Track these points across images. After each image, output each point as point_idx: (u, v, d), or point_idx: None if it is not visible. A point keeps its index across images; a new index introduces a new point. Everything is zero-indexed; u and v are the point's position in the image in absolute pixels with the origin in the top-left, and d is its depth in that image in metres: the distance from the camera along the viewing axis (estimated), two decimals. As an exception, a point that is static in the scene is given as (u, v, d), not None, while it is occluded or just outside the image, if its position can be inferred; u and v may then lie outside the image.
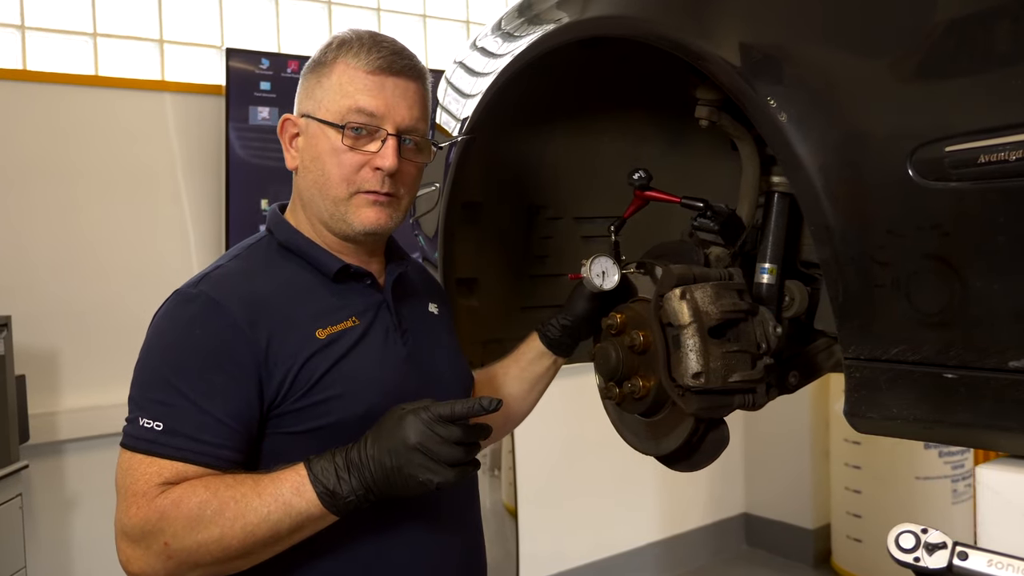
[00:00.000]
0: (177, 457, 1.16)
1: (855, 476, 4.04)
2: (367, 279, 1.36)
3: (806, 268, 1.57)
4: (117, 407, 2.76)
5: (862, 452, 4.00)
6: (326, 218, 1.33)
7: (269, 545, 1.16)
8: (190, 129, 2.96)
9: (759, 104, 1.10)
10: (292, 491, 1.14)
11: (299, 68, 2.86)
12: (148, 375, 1.22)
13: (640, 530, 4.19)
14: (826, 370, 1.60)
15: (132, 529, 1.14)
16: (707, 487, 4.40)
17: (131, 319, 2.86)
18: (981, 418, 0.96)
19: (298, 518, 1.14)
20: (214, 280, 1.27)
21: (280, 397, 1.23)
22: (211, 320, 1.22)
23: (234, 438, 1.19)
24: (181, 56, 3.13)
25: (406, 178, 1.34)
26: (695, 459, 1.44)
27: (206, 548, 1.13)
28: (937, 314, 0.97)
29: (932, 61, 0.96)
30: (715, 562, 4.40)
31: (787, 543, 4.42)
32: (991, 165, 0.90)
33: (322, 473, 1.14)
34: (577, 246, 1.82)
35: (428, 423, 1.14)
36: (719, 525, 4.48)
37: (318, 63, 1.36)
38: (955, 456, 3.89)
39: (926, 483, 3.87)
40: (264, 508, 1.13)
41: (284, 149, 1.39)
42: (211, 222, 3.00)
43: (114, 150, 2.88)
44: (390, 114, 1.30)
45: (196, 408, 1.17)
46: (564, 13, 1.42)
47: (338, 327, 1.29)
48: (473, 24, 3.95)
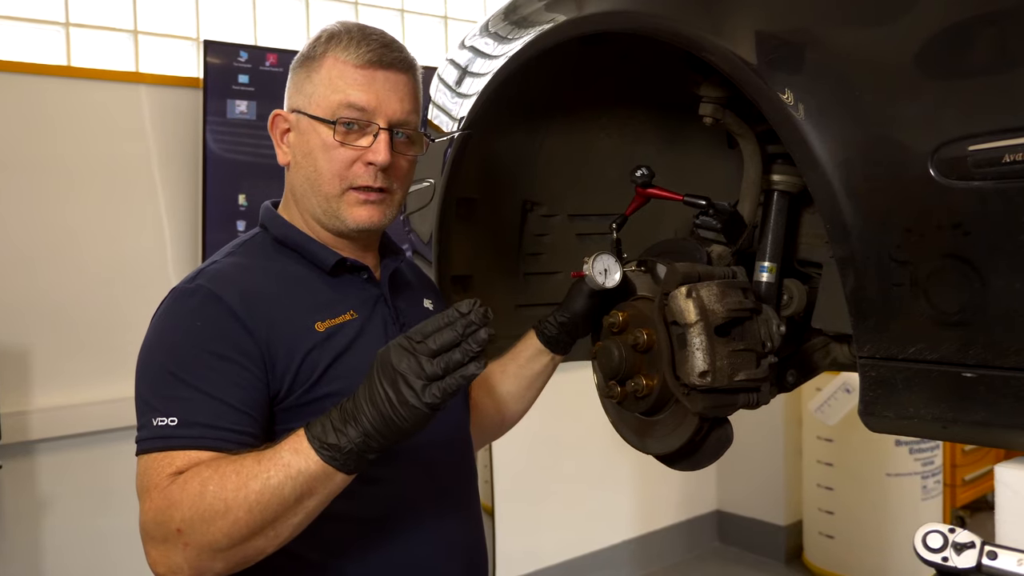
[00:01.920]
0: (194, 446, 1.12)
1: (827, 473, 4.08)
2: (364, 273, 1.35)
3: (802, 267, 1.58)
4: (92, 405, 2.75)
5: (834, 449, 4.04)
6: (319, 214, 1.32)
7: (280, 516, 1.08)
8: (166, 122, 2.90)
9: (775, 102, 1.09)
10: (290, 451, 1.07)
11: (278, 62, 2.81)
12: (154, 375, 1.19)
13: (615, 528, 4.19)
14: (822, 369, 1.60)
15: (149, 524, 1.10)
16: (680, 485, 4.42)
17: (105, 315, 2.82)
18: (1000, 417, 0.96)
19: (299, 479, 1.06)
20: (210, 275, 1.25)
21: (284, 391, 1.21)
22: (211, 311, 1.20)
23: (251, 423, 1.16)
24: (157, 48, 3.07)
25: (399, 172, 1.33)
26: (697, 458, 1.44)
27: (215, 526, 1.06)
28: (956, 313, 0.98)
29: (955, 59, 0.96)
30: (688, 559, 4.42)
31: (759, 539, 4.46)
32: (1016, 164, 0.90)
33: (319, 428, 1.08)
34: (572, 244, 1.81)
35: (406, 341, 1.07)
36: (692, 522, 4.50)
37: (307, 57, 1.33)
38: (925, 453, 3.94)
39: (897, 480, 3.92)
40: (264, 473, 1.06)
41: (275, 145, 1.37)
42: (187, 217, 2.95)
43: (88, 142, 2.81)
44: (381, 108, 1.28)
45: (209, 398, 1.14)
46: (569, 8, 1.40)
47: (336, 320, 1.28)
48: (452, 20, 3.92)
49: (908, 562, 3.88)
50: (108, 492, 2.80)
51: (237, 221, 2.94)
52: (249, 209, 2.94)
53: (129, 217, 2.88)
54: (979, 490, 4.85)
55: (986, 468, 4.88)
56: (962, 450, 4.71)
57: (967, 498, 4.74)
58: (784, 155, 1.47)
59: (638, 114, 1.73)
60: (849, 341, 1.51)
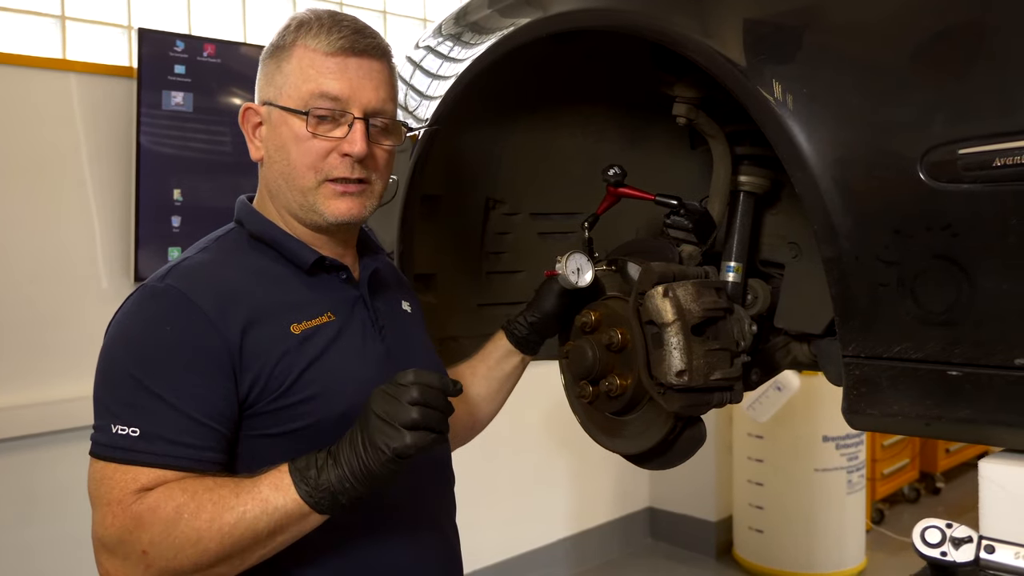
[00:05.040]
0: (159, 464, 1.09)
1: (757, 469, 4.17)
2: (342, 273, 1.31)
3: (764, 267, 1.60)
4: (13, 409, 2.60)
5: (764, 446, 4.14)
6: (295, 209, 1.27)
7: (249, 548, 1.09)
8: (97, 113, 2.77)
9: (762, 102, 1.10)
10: (270, 487, 1.08)
11: (216, 52, 2.72)
12: (117, 377, 1.14)
13: (550, 527, 4.20)
14: (783, 367, 1.63)
15: (109, 539, 1.08)
16: (613, 482, 4.46)
17: (30, 313, 2.69)
18: (984, 414, 0.99)
19: (275, 515, 1.08)
20: (182, 272, 1.20)
21: (255, 395, 1.17)
22: (181, 316, 1.15)
23: (215, 439, 1.13)
24: (87, 35, 2.94)
25: (377, 163, 1.29)
26: (668, 457, 1.44)
27: (184, 553, 1.06)
28: (943, 313, 1.00)
29: (945, 63, 0.98)
30: (622, 555, 4.46)
31: (690, 536, 4.52)
32: (1007, 168, 0.92)
33: (303, 466, 1.09)
34: (533, 242, 1.80)
35: (385, 387, 1.11)
36: (625, 520, 4.54)
37: (276, 47, 1.29)
38: (850, 448, 4.07)
39: (824, 474, 4.03)
40: (241, 506, 1.07)
41: (247, 140, 1.31)
42: (119, 211, 2.82)
43: (12, 132, 2.67)
44: (355, 97, 1.24)
45: (173, 410, 1.10)
46: (546, 5, 1.39)
47: (313, 322, 1.24)
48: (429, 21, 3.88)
49: (833, 554, 4.01)
50: (32, 501, 2.67)
51: (172, 217, 2.83)
52: (184, 204, 2.84)
53: (57, 211, 2.74)
54: (896, 483, 5.03)
55: (903, 462, 5.07)
56: (881, 444, 4.88)
57: (885, 491, 4.91)
58: (751, 156, 1.49)
59: (601, 113, 1.73)
60: (809, 340, 1.54)
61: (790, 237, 1.53)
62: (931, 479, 5.30)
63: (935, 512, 5.07)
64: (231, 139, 2.90)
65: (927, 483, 5.29)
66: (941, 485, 5.30)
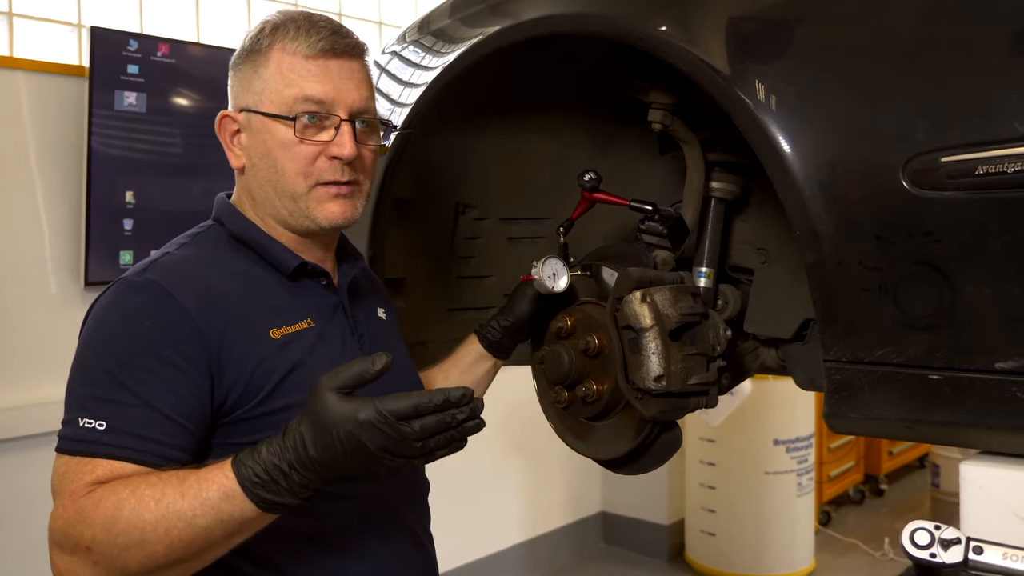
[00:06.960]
0: (119, 456, 1.05)
1: (709, 473, 4.21)
2: (323, 279, 1.29)
3: (733, 272, 1.62)
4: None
5: (716, 449, 4.18)
6: (285, 216, 1.25)
7: (205, 551, 1.04)
8: (47, 112, 2.69)
9: (745, 109, 1.11)
10: (221, 496, 1.01)
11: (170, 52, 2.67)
12: (90, 371, 1.11)
13: (504, 532, 4.20)
14: (752, 372, 1.65)
15: (56, 532, 1.04)
16: (566, 487, 4.47)
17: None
18: (964, 417, 1.01)
19: (231, 523, 1.02)
20: (163, 267, 1.17)
21: (233, 401, 1.14)
22: (160, 310, 1.12)
23: (184, 437, 1.09)
24: (35, 32, 2.85)
25: (365, 163, 1.28)
26: (644, 462, 1.45)
27: (129, 553, 1.01)
28: (925, 317, 1.02)
29: (928, 71, 1.00)
30: (575, 560, 4.47)
31: (643, 539, 4.55)
32: (989, 176, 0.94)
33: (255, 477, 1.01)
34: (503, 247, 1.80)
35: (382, 420, 1.01)
36: (579, 524, 4.55)
37: (251, 51, 1.26)
38: (800, 451, 4.14)
39: (775, 477, 4.09)
40: (189, 512, 1.01)
41: (225, 148, 1.29)
42: (69, 214, 2.74)
43: (-45, 132, 2.59)
44: (340, 98, 1.23)
45: (145, 405, 1.07)
46: (521, 9, 1.39)
47: (293, 328, 1.21)
48: (385, 25, 3.84)
49: (784, 556, 4.07)
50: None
51: (124, 219, 2.76)
52: (137, 207, 2.77)
53: (4, 214, 2.65)
54: (842, 486, 5.13)
55: (848, 465, 5.17)
56: (828, 447, 4.97)
57: (832, 494, 5.00)
58: (722, 163, 1.50)
59: (571, 119, 1.73)
60: (777, 345, 1.56)
61: (759, 243, 1.55)
62: (875, 481, 5.42)
63: (879, 513, 5.19)
64: (183, 140, 2.84)
65: (871, 485, 5.40)
66: (885, 487, 5.42)
